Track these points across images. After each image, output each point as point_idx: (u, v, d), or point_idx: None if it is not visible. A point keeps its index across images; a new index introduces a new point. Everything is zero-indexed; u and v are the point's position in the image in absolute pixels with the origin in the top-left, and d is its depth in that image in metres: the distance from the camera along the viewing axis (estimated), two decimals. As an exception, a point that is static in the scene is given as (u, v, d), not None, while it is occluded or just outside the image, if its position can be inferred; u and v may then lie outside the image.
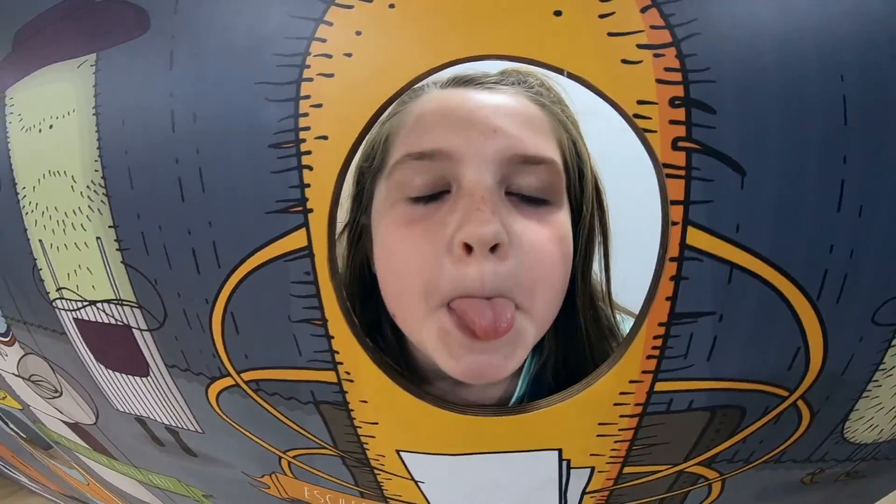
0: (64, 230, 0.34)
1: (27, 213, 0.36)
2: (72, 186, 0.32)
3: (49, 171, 0.33)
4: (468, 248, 0.23)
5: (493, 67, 0.28)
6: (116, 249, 0.31)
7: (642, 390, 0.24)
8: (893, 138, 0.20)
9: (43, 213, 0.35)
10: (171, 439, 0.43)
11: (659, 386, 0.24)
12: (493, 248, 0.23)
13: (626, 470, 0.29)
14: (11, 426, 0.61)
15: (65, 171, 0.32)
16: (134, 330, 0.34)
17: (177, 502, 0.51)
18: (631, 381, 0.24)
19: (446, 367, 0.25)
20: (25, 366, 0.47)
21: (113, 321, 0.35)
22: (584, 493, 0.31)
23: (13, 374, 0.49)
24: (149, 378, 0.37)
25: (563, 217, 0.26)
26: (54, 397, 0.47)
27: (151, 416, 0.41)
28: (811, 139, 0.20)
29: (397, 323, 0.28)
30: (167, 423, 0.40)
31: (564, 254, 0.26)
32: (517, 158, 0.24)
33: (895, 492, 0.43)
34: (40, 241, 0.36)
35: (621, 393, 0.25)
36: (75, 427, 0.50)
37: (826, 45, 0.21)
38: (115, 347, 0.37)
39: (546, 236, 0.25)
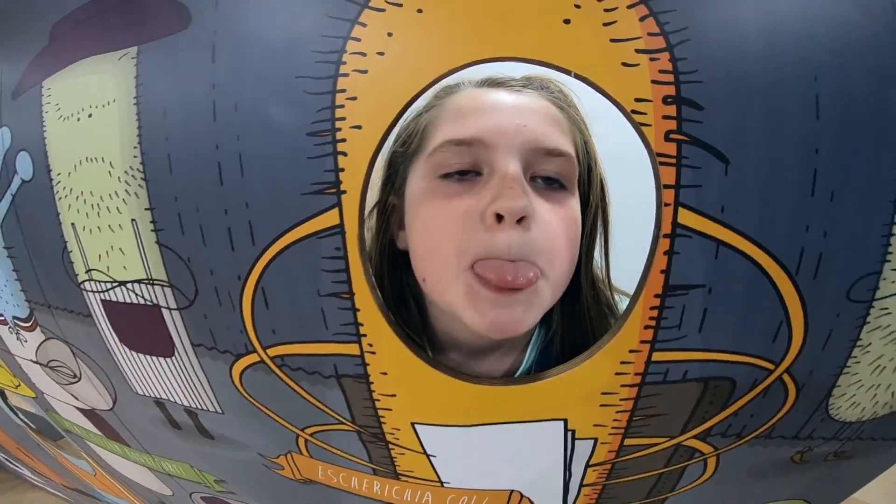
0: (98, 213, 0.38)
1: (60, 199, 0.40)
2: (109, 172, 0.36)
3: (86, 158, 0.37)
4: (499, 218, 0.28)
5: (517, 72, 0.32)
6: (151, 230, 0.35)
7: (641, 360, 0.28)
8: (860, 133, 0.24)
9: (77, 197, 0.38)
10: (188, 422, 0.46)
11: (656, 356, 0.28)
12: (520, 220, 0.28)
13: (627, 442, 0.33)
14: (21, 416, 0.64)
15: (102, 158, 0.36)
16: (163, 309, 0.38)
17: (187, 489, 0.54)
18: (630, 351, 0.28)
19: (472, 322, 0.30)
20: (45, 351, 0.50)
21: (142, 301, 0.38)
22: (587, 465, 0.34)
23: (31, 360, 0.52)
24: (173, 358, 0.41)
25: (574, 203, 0.32)
26: (72, 383, 0.51)
27: (171, 399, 0.44)
28: (787, 133, 0.24)
29: (425, 288, 0.32)
30: (187, 404, 0.44)
31: (575, 233, 0.31)
32: (541, 150, 0.29)
33: (883, 485, 0.46)
34: (73, 224, 0.39)
35: (622, 362, 0.28)
36: (90, 414, 0.53)
37: (803, 49, 0.24)
38: (141, 328, 0.41)
39: (561, 215, 0.30)
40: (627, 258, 0.33)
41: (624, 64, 0.24)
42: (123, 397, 0.47)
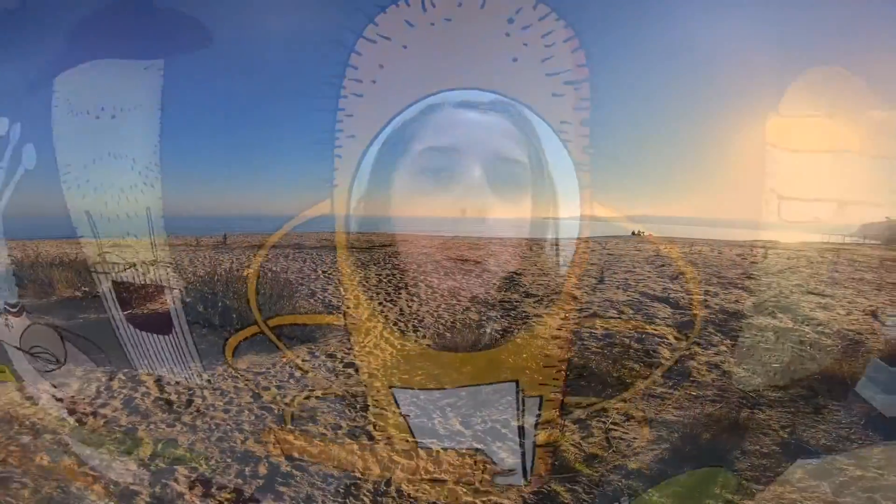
0: (119, 203, 0.46)
1: (70, 189, 0.48)
2: (131, 167, 0.45)
3: (108, 154, 0.45)
4: (463, 211, 0.42)
5: (486, 97, 0.49)
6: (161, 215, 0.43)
7: (568, 327, 0.40)
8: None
9: (95, 188, 0.46)
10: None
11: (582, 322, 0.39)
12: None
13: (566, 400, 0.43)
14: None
15: (125, 154, 0.45)
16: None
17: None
18: (562, 319, 0.39)
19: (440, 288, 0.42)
20: (30, 336, 0.56)
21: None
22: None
23: (15, 346, 0.58)
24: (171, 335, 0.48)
25: (528, 201, 0.46)
26: (52, 369, 0.56)
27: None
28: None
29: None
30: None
31: (527, 225, 0.46)
32: (497, 161, 0.45)
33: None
34: (87, 211, 0.47)
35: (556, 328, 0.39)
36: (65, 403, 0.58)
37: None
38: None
39: (515, 210, 0.45)
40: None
41: (553, 94, 0.37)
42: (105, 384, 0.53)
